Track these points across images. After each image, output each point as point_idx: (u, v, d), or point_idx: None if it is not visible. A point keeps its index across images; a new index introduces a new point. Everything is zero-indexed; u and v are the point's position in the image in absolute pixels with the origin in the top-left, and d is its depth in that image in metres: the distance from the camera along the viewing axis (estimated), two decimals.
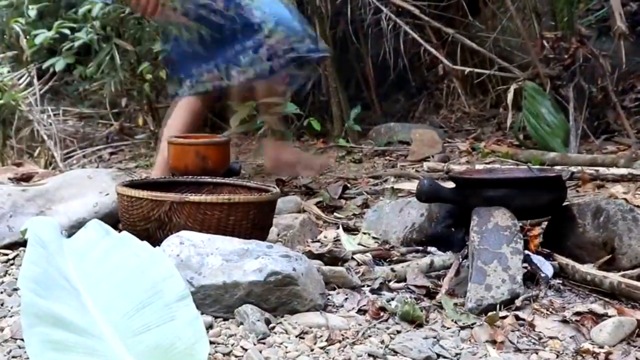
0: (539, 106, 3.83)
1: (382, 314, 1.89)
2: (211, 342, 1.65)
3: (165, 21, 3.13)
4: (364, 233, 2.58)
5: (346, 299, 1.98)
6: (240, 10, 2.98)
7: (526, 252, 2.12)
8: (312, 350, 1.68)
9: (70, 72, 5.27)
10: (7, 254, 2.31)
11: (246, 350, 1.65)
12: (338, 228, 2.66)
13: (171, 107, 3.22)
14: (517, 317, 1.88)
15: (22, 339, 1.52)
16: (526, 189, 2.24)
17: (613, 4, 3.64)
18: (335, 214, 2.96)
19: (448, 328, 1.84)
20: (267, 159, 3.51)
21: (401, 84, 5.07)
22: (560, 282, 2.11)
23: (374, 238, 2.54)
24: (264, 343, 1.69)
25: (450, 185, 2.37)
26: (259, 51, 2.97)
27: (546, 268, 2.13)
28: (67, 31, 4.61)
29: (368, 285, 2.08)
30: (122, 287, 1.63)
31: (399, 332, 1.80)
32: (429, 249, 2.38)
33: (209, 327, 1.74)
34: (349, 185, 3.32)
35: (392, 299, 1.98)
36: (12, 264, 2.25)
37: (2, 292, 1.99)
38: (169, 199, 2.14)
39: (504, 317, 1.87)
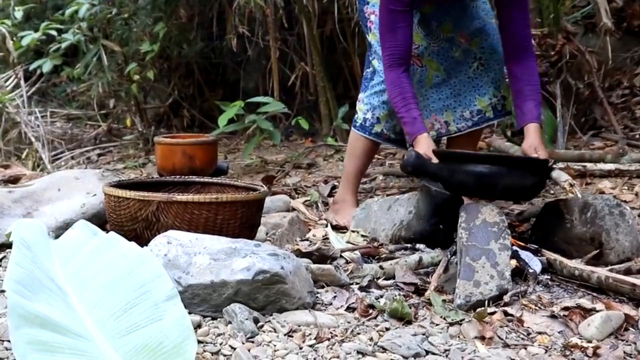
0: None
1: (370, 311, 1.89)
2: (199, 342, 1.65)
3: None
4: (353, 231, 2.57)
5: (335, 296, 1.98)
6: None
7: (514, 247, 2.12)
8: (300, 348, 1.68)
9: (58, 74, 5.28)
10: None
11: (235, 349, 1.64)
12: (326, 226, 2.66)
13: None
14: (506, 313, 1.88)
15: (9, 341, 1.51)
16: (512, 168, 2.24)
17: (599, 1, 3.65)
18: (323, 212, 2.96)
19: (437, 325, 1.84)
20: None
21: None
22: (549, 277, 2.12)
23: (362, 236, 2.54)
24: (252, 342, 1.69)
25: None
26: None
27: (534, 264, 2.13)
28: (54, 32, 4.60)
29: (357, 283, 2.08)
30: (110, 287, 1.63)
31: (387, 329, 1.80)
32: (418, 246, 2.37)
33: (197, 326, 1.74)
34: (337, 184, 3.32)
35: (381, 297, 1.98)
36: None
37: None
38: (157, 198, 2.14)
39: (493, 313, 1.87)
